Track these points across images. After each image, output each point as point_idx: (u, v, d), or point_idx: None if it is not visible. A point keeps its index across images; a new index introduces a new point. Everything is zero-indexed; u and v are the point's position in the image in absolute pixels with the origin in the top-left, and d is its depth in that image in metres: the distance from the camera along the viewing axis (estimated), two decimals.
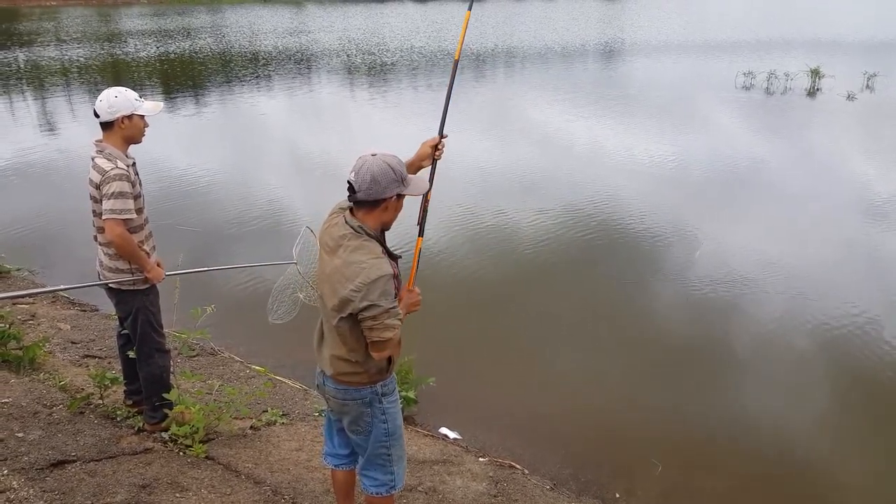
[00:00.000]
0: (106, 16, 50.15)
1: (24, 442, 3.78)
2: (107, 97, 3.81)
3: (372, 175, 2.69)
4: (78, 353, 5.55)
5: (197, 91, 20.20)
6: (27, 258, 7.90)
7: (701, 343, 6.51)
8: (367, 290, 2.65)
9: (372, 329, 2.71)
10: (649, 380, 5.94)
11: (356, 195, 2.73)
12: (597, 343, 6.48)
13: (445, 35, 35.04)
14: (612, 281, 7.77)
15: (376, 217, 2.80)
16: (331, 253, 2.82)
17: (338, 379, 2.93)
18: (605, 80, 21.97)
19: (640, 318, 6.92)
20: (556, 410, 5.49)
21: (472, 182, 11.12)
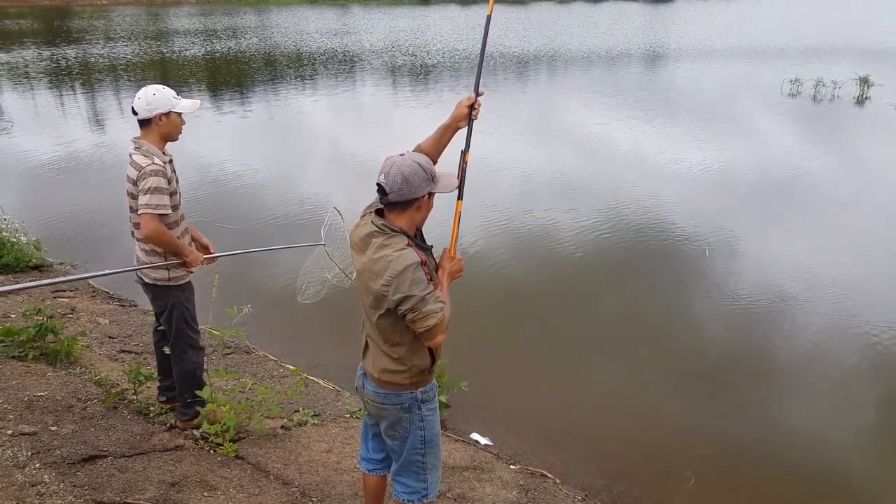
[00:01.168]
0: (155, 15, 51.15)
1: (58, 436, 3.81)
2: (145, 94, 3.84)
3: (403, 175, 2.68)
4: (115, 347, 5.61)
5: (242, 90, 20.43)
6: (70, 252, 8.03)
7: (741, 354, 6.32)
8: (396, 282, 2.65)
9: (414, 321, 2.70)
10: (686, 391, 5.80)
11: (387, 197, 2.71)
12: (634, 352, 6.34)
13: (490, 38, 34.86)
14: (652, 289, 7.62)
15: (409, 217, 2.79)
16: (360, 252, 2.83)
17: (379, 380, 2.90)
18: (649, 84, 21.67)
19: (678, 328, 6.77)
20: (589, 419, 5.38)
21: (513, 184, 11.04)
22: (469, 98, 3.04)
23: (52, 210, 9.54)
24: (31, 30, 38.69)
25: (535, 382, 5.84)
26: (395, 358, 2.85)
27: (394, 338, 2.81)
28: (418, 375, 2.90)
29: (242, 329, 4.83)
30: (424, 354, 2.89)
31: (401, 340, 2.82)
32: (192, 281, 4.16)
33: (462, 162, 3.04)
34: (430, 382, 3.01)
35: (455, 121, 3.06)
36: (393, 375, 2.87)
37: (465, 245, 8.50)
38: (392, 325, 2.78)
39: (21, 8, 54.49)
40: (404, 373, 2.87)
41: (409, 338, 2.82)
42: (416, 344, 2.85)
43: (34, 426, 3.85)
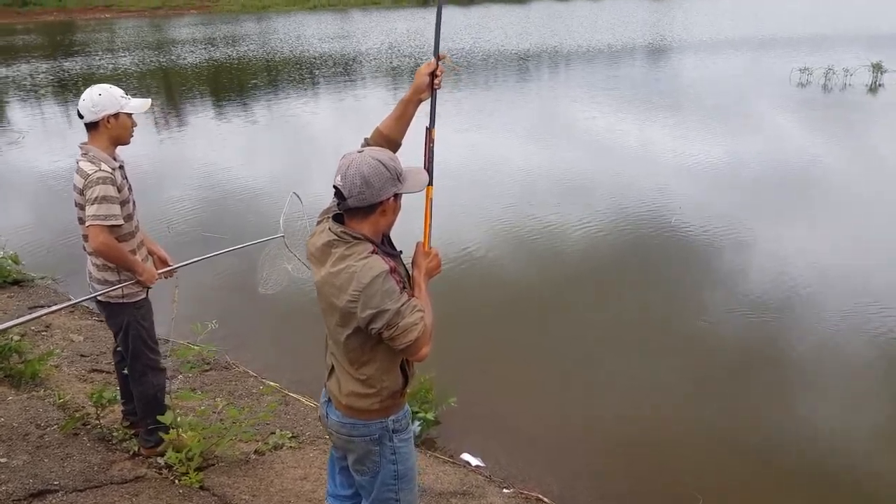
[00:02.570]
0: (157, 26, 51.04)
1: (7, 468, 3.51)
2: (90, 96, 3.53)
3: (363, 176, 2.30)
4: (86, 367, 5.32)
5: (241, 96, 20.19)
6: (51, 267, 7.75)
7: (755, 359, 5.92)
8: (364, 296, 2.29)
9: (393, 338, 2.34)
10: (695, 403, 5.41)
11: (346, 202, 2.34)
12: (640, 360, 5.95)
13: (487, 36, 34.60)
14: (659, 291, 7.23)
15: (372, 223, 2.40)
16: (318, 264, 2.46)
17: (347, 407, 2.55)
18: (653, 78, 21.25)
19: (688, 333, 6.37)
20: (590, 435, 5.02)
21: (513, 183, 10.69)
22: (429, 64, 2.66)
23: (33, 224, 9.28)
24: (37, 44, 38.66)
25: (532, 395, 5.46)
26: (362, 380, 2.49)
27: (362, 357, 2.47)
28: (389, 399, 2.54)
29: (213, 345, 4.53)
30: (396, 374, 2.54)
31: (370, 359, 2.47)
32: (148, 297, 3.85)
33: (428, 140, 2.66)
34: (403, 408, 2.66)
35: (416, 93, 2.66)
36: (361, 400, 2.52)
37: (461, 246, 8.18)
38: (361, 344, 2.43)
39: (27, 24, 54.53)
40: (373, 396, 2.51)
41: (379, 356, 2.47)
42: (388, 363, 2.50)
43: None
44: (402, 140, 2.73)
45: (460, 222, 9.09)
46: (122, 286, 3.66)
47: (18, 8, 60.50)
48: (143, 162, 12.70)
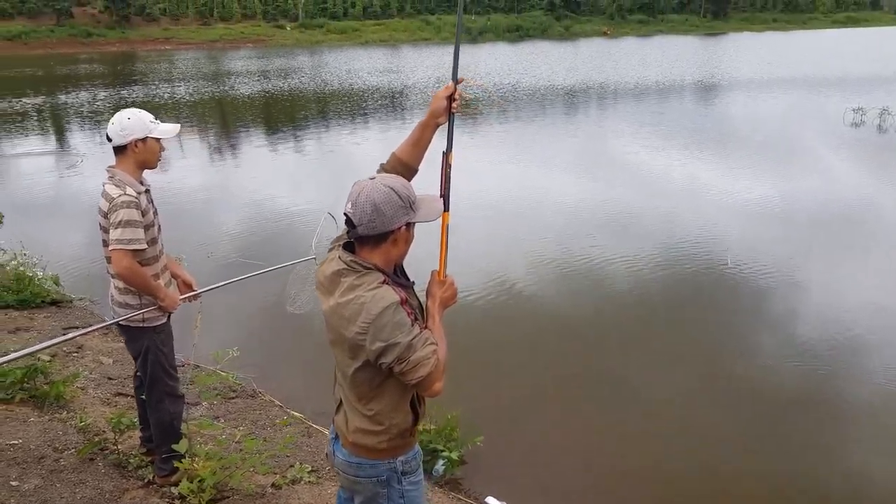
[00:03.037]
0: (214, 58, 52.53)
1: (17, 492, 3.46)
2: (119, 119, 3.52)
3: (374, 204, 2.20)
4: (111, 390, 5.28)
5: (292, 127, 20.50)
6: (89, 289, 7.83)
7: (802, 411, 5.58)
8: (373, 328, 2.18)
9: (404, 373, 2.22)
10: (742, 447, 5.11)
11: (356, 230, 2.24)
12: (682, 399, 5.70)
13: (534, 71, 34.73)
14: (704, 329, 6.98)
15: (383, 253, 2.29)
16: (327, 294, 2.35)
17: (353, 445, 2.41)
18: (702, 115, 21.00)
19: (734, 371, 6.09)
20: (626, 483, 4.77)
21: (554, 216, 10.55)
22: (447, 88, 2.54)
23: (75, 246, 9.41)
24: (98, 73, 40.09)
25: (564, 437, 5.23)
26: (369, 416, 2.36)
27: (370, 392, 2.34)
28: (398, 438, 2.41)
29: (241, 371, 4.47)
30: (406, 411, 2.41)
31: (378, 395, 2.34)
32: (169, 323, 3.80)
33: (444, 165, 2.52)
34: (413, 448, 2.50)
35: (433, 116, 2.55)
36: (368, 437, 2.38)
37: (499, 279, 8.04)
38: (370, 378, 2.30)
39: (91, 54, 56.75)
40: (381, 434, 2.37)
41: (388, 391, 2.34)
42: (397, 399, 2.37)
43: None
44: (419, 166, 2.63)
45: (499, 254, 8.97)
46: (142, 311, 3.63)
47: (83, 38, 62.98)
48: (190, 187, 12.95)
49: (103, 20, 68.16)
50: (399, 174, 2.49)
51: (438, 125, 2.57)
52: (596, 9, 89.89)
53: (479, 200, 11.50)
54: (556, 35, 78.45)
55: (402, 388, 2.35)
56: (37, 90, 29.99)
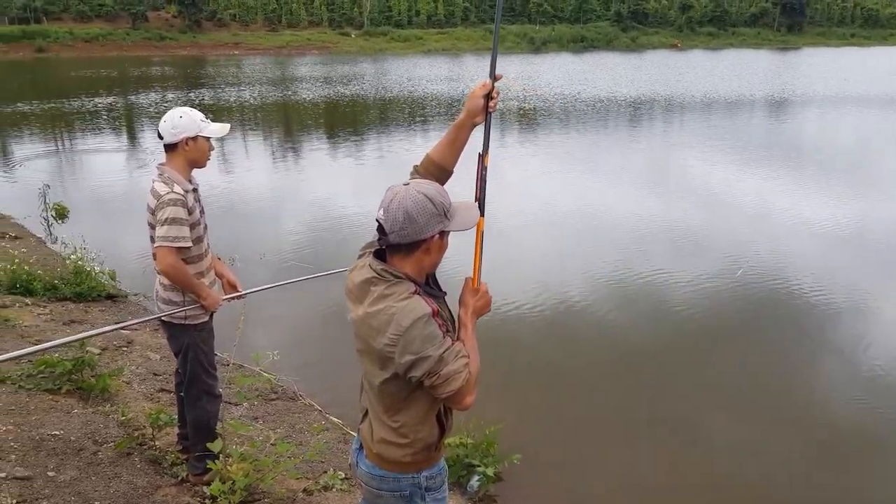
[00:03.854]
0: (280, 63, 53.63)
1: (53, 483, 3.49)
2: (171, 117, 3.55)
3: (406, 211, 2.11)
4: (155, 385, 5.34)
5: (352, 132, 20.69)
6: (145, 284, 7.96)
7: (868, 443, 5.30)
8: (403, 340, 2.10)
9: (435, 387, 2.15)
10: (801, 485, 4.88)
11: (387, 237, 2.16)
12: (737, 436, 5.41)
13: (597, 82, 34.35)
14: (765, 361, 6.64)
15: (415, 262, 2.21)
16: (356, 302, 2.27)
17: (377, 456, 2.34)
18: (774, 132, 20.37)
19: (796, 411, 5.77)
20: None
21: (615, 232, 10.32)
22: (484, 85, 2.37)
23: (133, 243, 9.61)
24: (169, 76, 41.31)
25: (608, 460, 5.05)
26: (395, 428, 2.28)
27: (398, 404, 2.26)
28: (423, 452, 2.32)
29: (283, 373, 4.45)
30: (432, 425, 2.32)
31: (405, 407, 2.26)
32: (211, 322, 3.80)
33: (480, 167, 2.39)
34: (438, 464, 2.42)
35: (469, 116, 2.40)
36: (392, 449, 2.31)
37: (556, 294, 7.89)
38: (398, 390, 2.23)
39: (163, 57, 58.61)
40: (406, 447, 2.30)
41: (416, 404, 2.26)
42: (424, 412, 2.28)
43: (32, 469, 3.56)
44: (453, 168, 2.53)
45: (553, 268, 8.82)
46: (185, 309, 3.64)
47: (156, 42, 65.09)
48: (250, 189, 13.17)
49: (176, 24, 70.40)
50: (433, 176, 2.42)
51: (475, 125, 2.44)
52: (664, 21, 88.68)
53: (535, 212, 11.37)
54: (622, 46, 77.64)
55: (430, 401, 2.27)
56: (110, 90, 31.08)
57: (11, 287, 6.78)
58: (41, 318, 6.24)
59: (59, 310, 6.65)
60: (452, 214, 2.23)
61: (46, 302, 6.75)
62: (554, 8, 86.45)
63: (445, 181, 2.45)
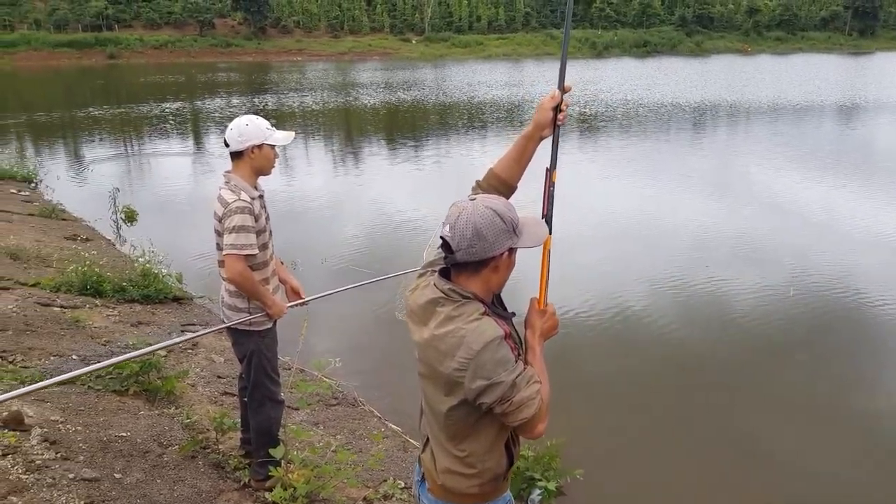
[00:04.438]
0: (343, 69, 54.34)
1: (119, 485, 3.54)
2: (237, 126, 3.57)
3: (475, 228, 2.01)
4: (219, 388, 5.40)
5: (412, 137, 20.80)
6: (210, 287, 8.10)
7: None
8: (474, 365, 1.99)
9: (506, 414, 2.05)
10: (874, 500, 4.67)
11: (454, 255, 2.05)
12: (805, 457, 5.20)
13: (660, 88, 33.77)
14: (835, 378, 6.39)
15: (483, 280, 2.10)
16: (420, 324, 2.17)
17: (440, 487, 2.25)
18: (844, 139, 19.67)
19: (869, 431, 5.52)
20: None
21: (679, 241, 10.09)
22: (553, 97, 2.26)
23: (200, 245, 9.81)
24: (234, 81, 42.31)
25: (672, 480, 4.90)
26: (461, 458, 2.17)
27: (464, 432, 2.16)
28: (491, 483, 2.22)
29: (344, 378, 4.46)
30: (501, 454, 2.22)
31: (472, 435, 2.15)
32: (275, 328, 3.82)
33: (548, 184, 2.29)
34: (504, 494, 2.31)
35: (538, 128, 2.30)
36: (458, 480, 2.20)
37: (619, 305, 7.73)
38: (465, 416, 2.12)
39: (229, 63, 60.09)
40: (473, 478, 2.19)
41: (484, 432, 2.15)
42: (493, 440, 2.18)
43: (99, 471, 3.62)
44: (518, 183, 2.42)
45: (617, 277, 8.65)
46: (251, 318, 3.66)
47: (222, 48, 66.76)
48: (311, 193, 13.33)
49: (241, 31, 72.05)
50: (496, 192, 2.31)
51: (543, 138, 2.34)
52: (730, 24, 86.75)
53: (596, 219, 11.20)
54: (687, 51, 76.25)
55: (499, 429, 2.17)
56: (177, 95, 31.95)
57: (82, 288, 6.96)
58: (110, 320, 6.40)
59: (126, 311, 6.80)
60: (521, 231, 2.12)
61: (115, 303, 6.91)
62: (617, 12, 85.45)
63: (509, 197, 2.34)
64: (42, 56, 58.63)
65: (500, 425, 2.14)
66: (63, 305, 6.43)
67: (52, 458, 3.57)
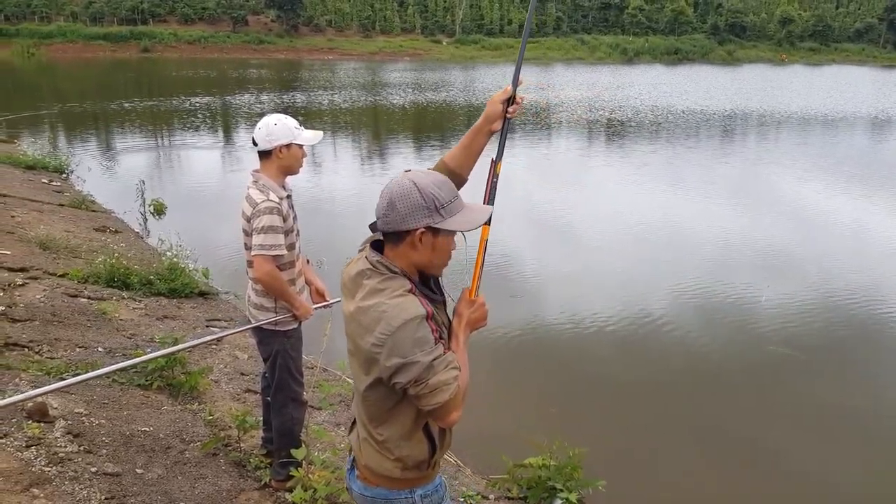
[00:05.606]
0: (373, 69, 54.46)
1: (140, 480, 3.55)
2: (266, 125, 3.56)
3: (390, 198, 2.01)
4: (242, 385, 5.41)
5: (440, 138, 20.79)
6: (236, 283, 8.12)
7: None
8: (391, 342, 1.93)
9: (419, 397, 1.98)
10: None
11: (376, 223, 2.07)
12: (832, 470, 5.12)
13: (690, 96, 33.45)
14: (868, 381, 6.34)
15: (403, 256, 2.06)
16: (349, 296, 2.12)
17: (364, 468, 2.18)
18: (874, 153, 19.33)
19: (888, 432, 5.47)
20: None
21: (709, 251, 9.96)
22: (505, 91, 2.31)
23: (228, 240, 9.87)
24: (265, 78, 42.56)
25: (696, 494, 4.85)
26: (380, 441, 2.12)
27: (382, 415, 2.10)
28: (413, 470, 2.14)
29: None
30: (419, 442, 2.12)
31: (389, 419, 2.10)
32: (300, 329, 3.80)
33: (491, 174, 2.30)
34: (434, 481, 2.23)
35: (487, 121, 2.34)
36: (380, 462, 2.13)
37: (643, 312, 7.66)
38: (382, 398, 2.06)
39: (261, 60, 60.48)
40: (392, 463, 2.12)
41: (401, 417, 2.08)
42: (410, 426, 2.10)
43: (121, 465, 3.63)
44: (467, 175, 2.42)
45: (640, 284, 8.57)
46: (277, 318, 3.65)
47: (255, 45, 67.27)
48: (338, 191, 13.35)
49: (274, 29, 72.51)
50: None
51: (492, 132, 2.36)
52: (763, 34, 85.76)
53: (621, 225, 11.10)
54: (718, 60, 75.53)
55: (415, 415, 2.09)
56: (208, 90, 32.21)
57: (110, 280, 7.01)
58: (136, 313, 6.44)
59: (153, 305, 6.85)
60: (451, 211, 2.05)
61: (141, 297, 6.96)
62: (648, 19, 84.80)
63: (459, 188, 2.30)
64: (77, 48, 59.47)
65: (417, 411, 2.07)
66: (90, 297, 6.48)
67: (75, 451, 3.58)
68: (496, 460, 4.77)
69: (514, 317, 7.42)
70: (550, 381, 6.32)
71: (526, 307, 7.75)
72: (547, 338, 7.05)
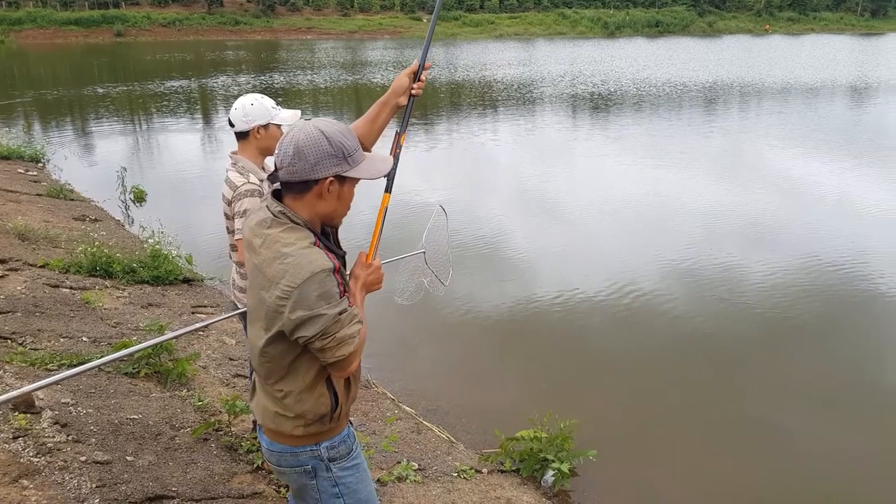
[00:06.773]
0: (352, 48, 53.92)
1: (131, 468, 3.52)
2: (242, 105, 3.50)
3: (297, 146, 1.98)
4: (231, 371, 5.38)
5: (422, 118, 20.66)
6: (220, 268, 8.06)
7: None
8: (297, 294, 1.91)
9: (324, 350, 1.97)
10: (890, 484, 4.62)
11: (276, 173, 2.03)
12: (821, 437, 5.17)
13: (675, 69, 33.43)
14: (855, 351, 6.39)
15: (307, 206, 2.05)
16: (251, 250, 2.10)
17: (269, 431, 2.18)
18: (856, 121, 19.42)
19: (885, 405, 5.52)
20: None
21: (693, 225, 9.97)
22: (412, 67, 2.44)
23: (213, 225, 9.78)
24: (242, 59, 42.05)
25: (686, 461, 4.88)
26: (279, 398, 2.09)
27: (280, 371, 2.07)
28: (316, 425, 2.12)
29: None
30: (321, 395, 2.10)
31: (287, 374, 2.07)
32: None
33: (395, 146, 2.37)
34: (341, 432, 2.22)
35: (393, 94, 2.43)
36: (282, 423, 2.12)
37: (632, 285, 7.68)
38: (282, 353, 2.04)
39: (237, 41, 59.69)
40: (295, 421, 2.10)
41: (301, 372, 2.06)
42: (310, 380, 2.08)
43: (111, 453, 3.60)
44: (371, 146, 2.46)
45: (629, 258, 8.58)
46: None
47: (231, 26, 66.36)
48: None
49: (250, 9, 71.47)
50: None
51: (398, 106, 2.44)
52: (742, 5, 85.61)
53: (608, 200, 11.11)
54: (699, 31, 75.42)
55: (316, 369, 2.08)
56: (184, 73, 31.78)
57: (92, 269, 6.93)
58: (120, 301, 6.37)
59: (136, 293, 6.78)
60: (356, 160, 2.07)
61: (125, 285, 6.88)
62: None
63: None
64: (48, 34, 58.33)
65: (318, 365, 2.06)
66: (72, 287, 6.41)
67: (64, 440, 3.55)
68: (489, 435, 4.80)
69: (502, 293, 7.42)
70: (540, 356, 6.33)
71: (513, 283, 7.74)
72: (535, 313, 7.06)
